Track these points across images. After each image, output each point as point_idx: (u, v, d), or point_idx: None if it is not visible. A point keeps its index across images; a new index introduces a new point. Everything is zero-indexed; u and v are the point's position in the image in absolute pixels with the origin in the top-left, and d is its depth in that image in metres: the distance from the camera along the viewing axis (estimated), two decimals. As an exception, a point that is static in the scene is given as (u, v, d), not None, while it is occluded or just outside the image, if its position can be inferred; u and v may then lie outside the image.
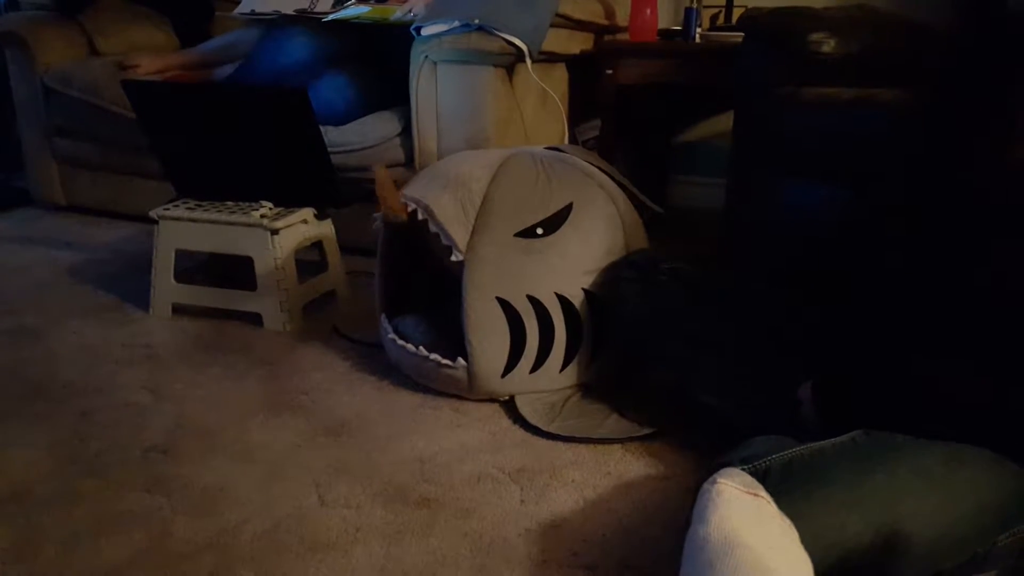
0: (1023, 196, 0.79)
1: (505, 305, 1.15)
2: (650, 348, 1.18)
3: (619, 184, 1.31)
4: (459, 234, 1.16)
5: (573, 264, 1.18)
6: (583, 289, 1.18)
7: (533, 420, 1.14)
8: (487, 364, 1.17)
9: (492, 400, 1.22)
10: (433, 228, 1.17)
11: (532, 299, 1.15)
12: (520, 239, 1.16)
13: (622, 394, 1.21)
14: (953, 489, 0.74)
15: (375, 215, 1.31)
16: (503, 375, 1.17)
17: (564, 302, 1.16)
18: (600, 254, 1.19)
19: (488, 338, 1.16)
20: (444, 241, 1.17)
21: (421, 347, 1.21)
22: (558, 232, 1.17)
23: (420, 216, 1.19)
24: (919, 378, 0.84)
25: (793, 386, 0.97)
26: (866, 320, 0.91)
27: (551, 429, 1.12)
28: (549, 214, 1.18)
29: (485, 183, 1.19)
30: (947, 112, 0.90)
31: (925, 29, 1.31)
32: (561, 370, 1.19)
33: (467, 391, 1.21)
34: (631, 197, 1.31)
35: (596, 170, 1.29)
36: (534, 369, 1.18)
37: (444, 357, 1.18)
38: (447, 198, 1.18)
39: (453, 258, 1.16)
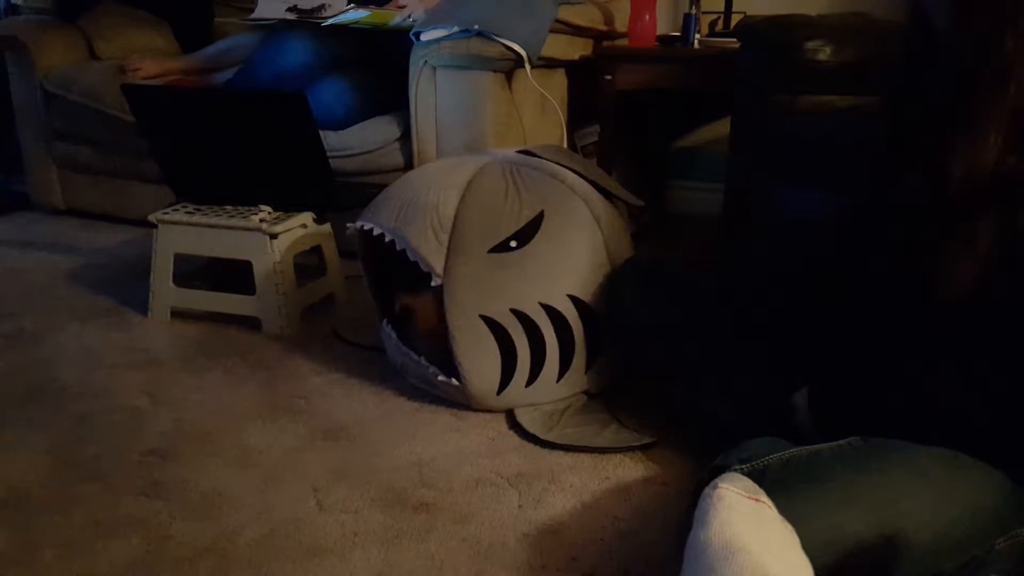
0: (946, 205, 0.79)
1: (491, 322, 1.14)
2: (649, 352, 1.18)
3: (596, 182, 1.29)
4: (435, 260, 1.15)
5: (553, 272, 1.17)
6: (569, 296, 1.16)
7: (531, 428, 1.14)
8: (481, 383, 1.16)
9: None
10: (411, 256, 1.17)
11: (517, 313, 1.14)
12: (495, 254, 1.15)
13: (621, 402, 1.21)
14: (950, 490, 0.74)
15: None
16: (499, 392, 1.17)
17: (551, 312, 1.16)
18: (579, 258, 1.18)
19: (478, 358, 1.15)
20: (423, 268, 1.16)
21: (422, 357, 1.21)
22: (532, 242, 1.16)
23: (398, 247, 1.18)
24: (912, 386, 0.84)
25: (789, 390, 0.97)
26: (862, 325, 0.91)
27: (549, 437, 1.11)
28: (520, 225, 1.16)
29: (454, 204, 1.18)
30: (890, 117, 0.91)
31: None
32: (558, 380, 1.19)
33: (466, 404, 1.20)
34: (608, 195, 1.29)
35: (568, 172, 1.27)
36: (529, 383, 1.17)
37: (441, 372, 1.18)
38: (419, 226, 1.17)
39: (432, 283, 1.15)
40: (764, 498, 0.68)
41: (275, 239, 1.46)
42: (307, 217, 1.54)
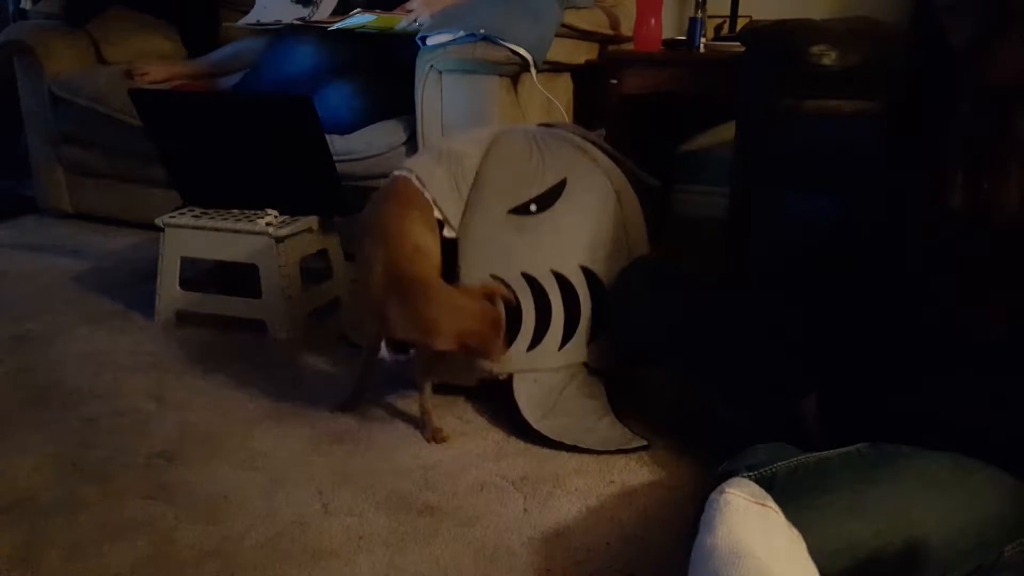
0: (957, 240, 0.77)
1: (500, 283, 1.14)
2: (655, 352, 1.17)
3: (615, 159, 1.29)
4: (451, 210, 1.15)
5: (568, 241, 1.17)
6: (580, 266, 1.16)
7: (526, 412, 1.12)
8: None
9: (496, 405, 1.22)
10: (428, 196, 1.15)
11: (527, 277, 1.14)
12: (514, 216, 1.16)
13: (621, 391, 1.20)
14: (959, 498, 0.74)
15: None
16: None
17: (561, 280, 1.15)
18: (596, 231, 1.18)
19: None
20: (436, 215, 1.15)
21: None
22: (552, 208, 1.17)
23: (418, 184, 1.17)
24: (922, 392, 0.84)
25: (796, 394, 0.97)
26: (870, 331, 0.91)
27: (541, 427, 1.10)
28: (543, 190, 1.17)
29: (478, 159, 1.18)
30: (896, 134, 0.90)
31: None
32: (560, 348, 1.18)
33: (466, 372, 1.19)
34: (627, 173, 1.30)
35: (591, 145, 1.28)
36: (531, 347, 1.16)
37: None
38: (440, 172, 1.17)
39: (446, 233, 1.15)
40: (771, 503, 0.68)
41: (281, 243, 1.46)
42: (313, 221, 1.54)
